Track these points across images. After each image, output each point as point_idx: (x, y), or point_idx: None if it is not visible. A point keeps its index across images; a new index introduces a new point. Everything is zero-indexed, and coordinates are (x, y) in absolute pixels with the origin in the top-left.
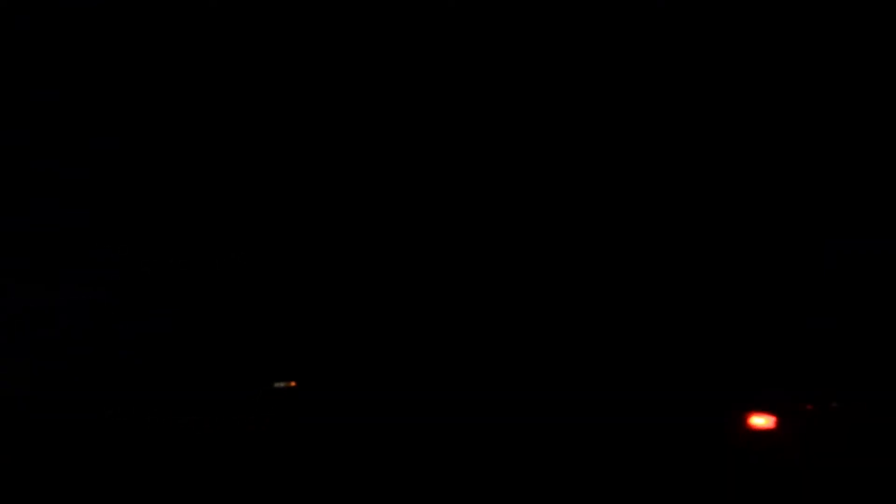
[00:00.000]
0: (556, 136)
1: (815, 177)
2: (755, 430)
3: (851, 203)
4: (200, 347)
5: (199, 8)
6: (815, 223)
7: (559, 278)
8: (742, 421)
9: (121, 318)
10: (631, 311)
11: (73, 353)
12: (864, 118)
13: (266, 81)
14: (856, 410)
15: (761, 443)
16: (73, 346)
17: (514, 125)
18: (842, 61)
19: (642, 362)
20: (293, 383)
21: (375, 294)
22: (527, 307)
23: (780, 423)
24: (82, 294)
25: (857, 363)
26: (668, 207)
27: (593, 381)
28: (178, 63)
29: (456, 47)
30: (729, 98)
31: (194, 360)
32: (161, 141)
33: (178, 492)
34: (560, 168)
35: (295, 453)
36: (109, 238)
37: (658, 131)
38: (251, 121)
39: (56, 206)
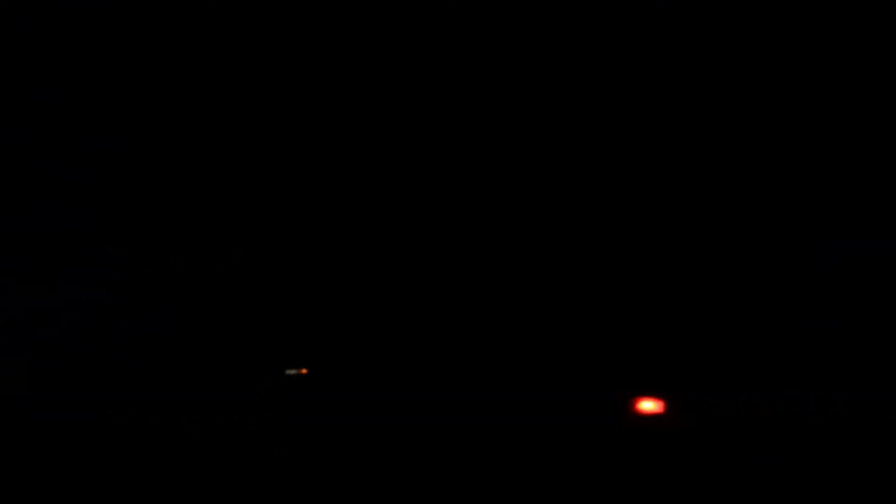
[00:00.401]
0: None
1: (815, 177)
2: (644, 414)
3: (851, 203)
4: (200, 347)
5: (198, 8)
6: (815, 223)
7: (560, 276)
8: (632, 407)
9: (121, 318)
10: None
11: (73, 353)
12: (864, 118)
13: (266, 81)
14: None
15: (651, 427)
16: (73, 346)
17: (509, 125)
18: (842, 61)
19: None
20: (304, 370)
21: (376, 294)
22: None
23: (668, 408)
24: (82, 294)
25: (858, 363)
26: (667, 207)
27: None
28: (179, 63)
29: (456, 47)
30: (728, 97)
31: (194, 360)
32: (161, 141)
33: (178, 492)
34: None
35: (295, 453)
36: (109, 238)
37: (655, 129)
38: (251, 121)
39: (56, 206)
